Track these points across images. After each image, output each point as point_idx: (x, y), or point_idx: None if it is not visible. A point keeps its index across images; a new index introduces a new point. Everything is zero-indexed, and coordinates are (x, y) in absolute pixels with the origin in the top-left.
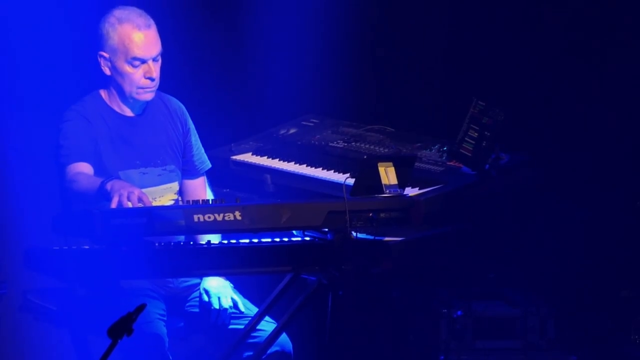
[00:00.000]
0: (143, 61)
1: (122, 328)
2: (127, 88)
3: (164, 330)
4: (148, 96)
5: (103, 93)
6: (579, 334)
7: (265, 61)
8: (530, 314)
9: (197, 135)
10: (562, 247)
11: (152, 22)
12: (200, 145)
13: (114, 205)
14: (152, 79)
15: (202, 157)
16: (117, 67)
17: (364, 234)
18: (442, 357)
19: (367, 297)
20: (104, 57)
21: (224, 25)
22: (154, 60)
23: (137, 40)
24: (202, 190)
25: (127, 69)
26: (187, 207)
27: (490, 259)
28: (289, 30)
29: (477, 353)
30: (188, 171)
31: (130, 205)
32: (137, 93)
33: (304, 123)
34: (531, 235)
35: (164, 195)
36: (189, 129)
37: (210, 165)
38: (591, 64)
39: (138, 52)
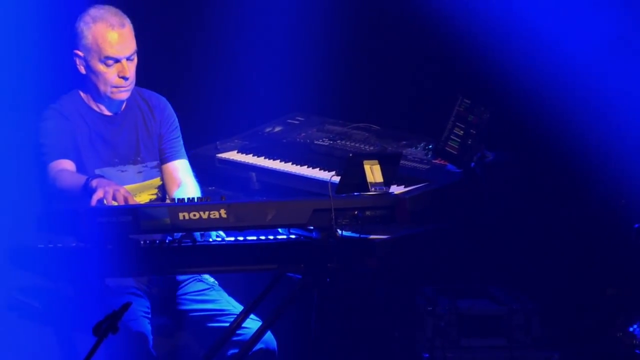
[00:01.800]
0: (117, 60)
1: (107, 326)
2: (101, 87)
3: (149, 328)
4: (123, 95)
5: (81, 92)
6: (564, 331)
7: (251, 59)
8: (515, 311)
9: (176, 130)
10: (547, 245)
11: (127, 21)
12: (177, 138)
13: (94, 202)
14: (126, 79)
15: (174, 148)
16: (91, 66)
17: (350, 232)
18: (427, 355)
19: (352, 294)
20: (79, 56)
21: (211, 25)
22: (128, 59)
23: (110, 39)
24: (177, 175)
25: (101, 68)
26: (172, 205)
27: (475, 257)
28: (275, 29)
29: (462, 350)
30: (162, 158)
31: (115, 203)
32: (111, 92)
33: (290, 121)
34: (516, 233)
35: (143, 192)
36: (165, 122)
37: (185, 158)
38: (576, 65)
39: (111, 51)
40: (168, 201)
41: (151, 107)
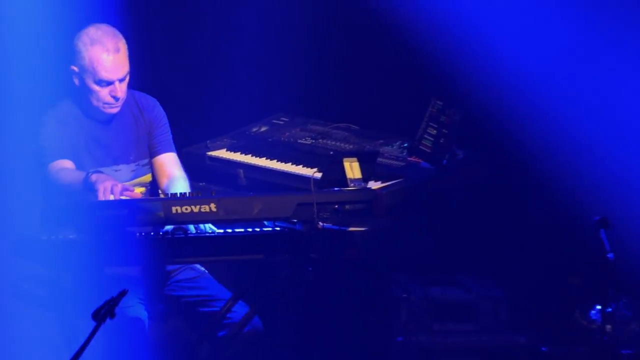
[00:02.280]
0: (110, 83)
1: (105, 312)
2: (94, 102)
3: (145, 313)
4: (113, 111)
5: (76, 100)
6: (530, 317)
7: (239, 64)
8: (484, 298)
9: (164, 126)
10: (514, 237)
11: (122, 43)
12: (165, 133)
13: (100, 197)
14: (117, 99)
15: (163, 142)
16: (85, 84)
17: (330, 225)
18: (401, 339)
19: (332, 282)
20: (75, 72)
21: (201, 33)
22: (121, 80)
23: (105, 63)
24: (167, 167)
25: (94, 87)
26: (165, 199)
27: (447, 248)
28: (261, 37)
29: (434, 335)
30: (152, 152)
31: (112, 197)
32: (103, 107)
33: (275, 121)
34: (485, 225)
35: (135, 187)
36: (154, 120)
37: (174, 152)
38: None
39: (105, 75)
40: (160, 192)
41: (141, 108)
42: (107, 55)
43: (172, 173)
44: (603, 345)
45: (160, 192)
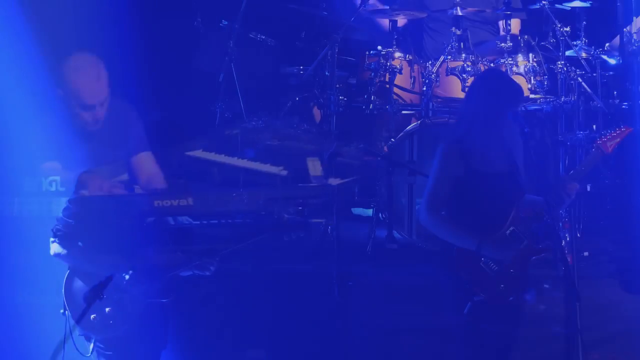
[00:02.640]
0: (91, 107)
1: (94, 294)
2: (76, 122)
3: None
4: (94, 127)
5: (60, 116)
6: (471, 299)
7: (215, 73)
8: (431, 282)
9: (140, 129)
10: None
11: (102, 70)
12: (141, 135)
13: (91, 192)
14: (96, 121)
15: (139, 143)
16: (69, 105)
17: (295, 216)
18: (357, 318)
19: (296, 267)
20: (59, 94)
21: (184, 48)
22: (101, 104)
23: (87, 91)
24: (143, 165)
25: (77, 110)
26: (148, 194)
27: (397, 236)
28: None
29: (387, 314)
30: (129, 152)
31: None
32: (84, 124)
33: (245, 125)
34: None
35: None
36: (130, 124)
37: (149, 151)
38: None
39: (87, 100)
40: (136, 187)
41: (119, 115)
42: (88, 83)
43: (150, 170)
44: (536, 323)
45: (136, 187)
